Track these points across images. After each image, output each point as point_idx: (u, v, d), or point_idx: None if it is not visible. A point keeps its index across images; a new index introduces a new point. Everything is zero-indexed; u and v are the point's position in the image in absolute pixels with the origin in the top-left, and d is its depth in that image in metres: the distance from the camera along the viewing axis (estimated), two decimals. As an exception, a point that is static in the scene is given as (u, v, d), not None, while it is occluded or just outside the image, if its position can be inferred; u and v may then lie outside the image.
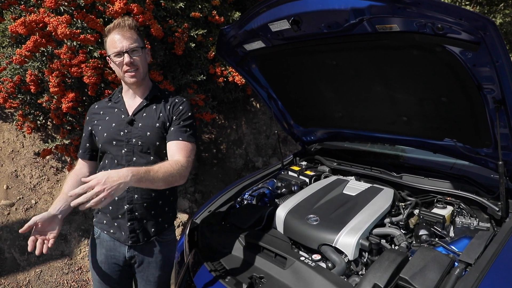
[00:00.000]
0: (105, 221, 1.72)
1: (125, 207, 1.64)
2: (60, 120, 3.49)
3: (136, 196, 1.64)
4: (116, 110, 1.71)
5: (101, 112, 1.74)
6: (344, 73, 1.96)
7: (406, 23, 1.42)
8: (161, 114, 1.68)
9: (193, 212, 4.22)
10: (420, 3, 1.27)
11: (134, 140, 1.63)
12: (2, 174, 3.62)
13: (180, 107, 1.69)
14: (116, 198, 1.58)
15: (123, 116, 1.68)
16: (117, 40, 1.57)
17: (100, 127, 1.69)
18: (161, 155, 1.69)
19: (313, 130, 2.68)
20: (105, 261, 1.75)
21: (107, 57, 1.66)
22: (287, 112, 2.58)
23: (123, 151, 1.63)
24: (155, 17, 3.14)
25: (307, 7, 1.55)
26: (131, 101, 1.72)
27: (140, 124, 1.64)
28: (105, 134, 1.65)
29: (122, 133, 1.64)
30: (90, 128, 1.74)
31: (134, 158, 1.63)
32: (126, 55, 1.56)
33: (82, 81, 3.07)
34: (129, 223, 1.65)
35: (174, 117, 1.67)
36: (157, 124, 1.65)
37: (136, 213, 1.65)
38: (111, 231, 1.70)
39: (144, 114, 1.68)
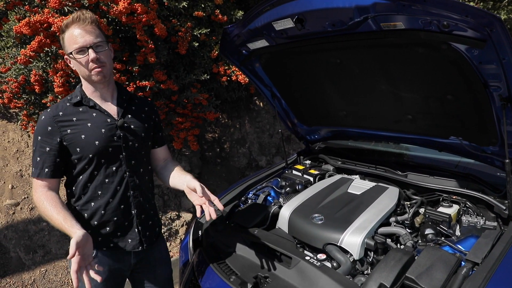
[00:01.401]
0: (100, 238, 1.55)
1: (133, 212, 1.60)
2: (64, 120, 3.50)
3: (141, 199, 1.62)
4: (95, 114, 1.51)
5: (74, 118, 1.48)
6: (348, 72, 1.95)
7: (411, 20, 1.41)
8: (143, 115, 1.65)
9: (197, 211, 4.22)
10: (426, 0, 1.26)
11: (131, 143, 1.57)
12: (7, 174, 3.64)
13: (158, 113, 1.77)
14: (122, 206, 1.57)
15: (108, 120, 1.52)
16: (78, 35, 1.41)
17: (83, 136, 1.46)
18: (149, 157, 1.71)
19: (317, 128, 2.67)
20: (111, 277, 1.59)
21: (65, 57, 1.50)
22: (291, 111, 2.58)
23: (121, 156, 1.55)
24: (158, 17, 3.14)
25: (311, 5, 1.54)
26: (103, 103, 1.55)
27: (132, 126, 1.58)
28: (96, 142, 1.47)
29: (115, 137, 1.52)
30: (59, 139, 1.45)
31: (133, 161, 1.59)
32: (91, 50, 1.42)
33: (86, 81, 3.08)
34: (141, 227, 1.62)
35: (157, 121, 1.74)
36: (146, 125, 1.64)
37: (143, 216, 1.64)
38: (111, 245, 1.58)
39: (129, 115, 1.59)
